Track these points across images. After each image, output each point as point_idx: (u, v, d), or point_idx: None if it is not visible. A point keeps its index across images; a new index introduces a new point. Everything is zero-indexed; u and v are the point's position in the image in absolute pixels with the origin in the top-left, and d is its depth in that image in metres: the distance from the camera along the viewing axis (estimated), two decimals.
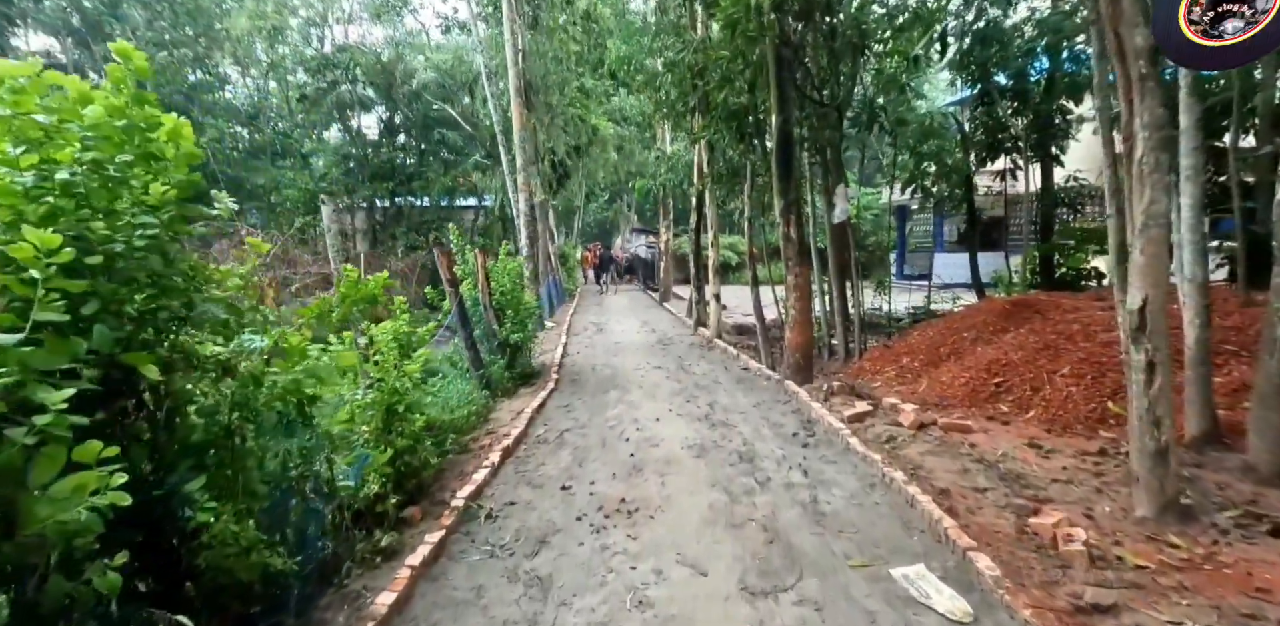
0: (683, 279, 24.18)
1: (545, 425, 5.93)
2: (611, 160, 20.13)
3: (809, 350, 7.36)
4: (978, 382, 6.29)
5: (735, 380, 7.91)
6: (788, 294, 7.44)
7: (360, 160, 21.72)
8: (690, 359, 9.57)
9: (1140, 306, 3.36)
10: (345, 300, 3.13)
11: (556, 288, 19.11)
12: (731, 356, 9.59)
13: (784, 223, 7.34)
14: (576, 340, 11.88)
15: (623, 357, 9.82)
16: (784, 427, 5.71)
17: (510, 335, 7.41)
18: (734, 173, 10.52)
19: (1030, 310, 7.39)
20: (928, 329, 8.50)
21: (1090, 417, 5.39)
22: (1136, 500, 3.56)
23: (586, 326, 14.09)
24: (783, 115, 7.19)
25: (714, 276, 11.28)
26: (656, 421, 5.99)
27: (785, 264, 7.44)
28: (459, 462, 4.71)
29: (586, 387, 7.58)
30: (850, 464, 4.68)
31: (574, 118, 18.03)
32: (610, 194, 35.02)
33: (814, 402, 6.25)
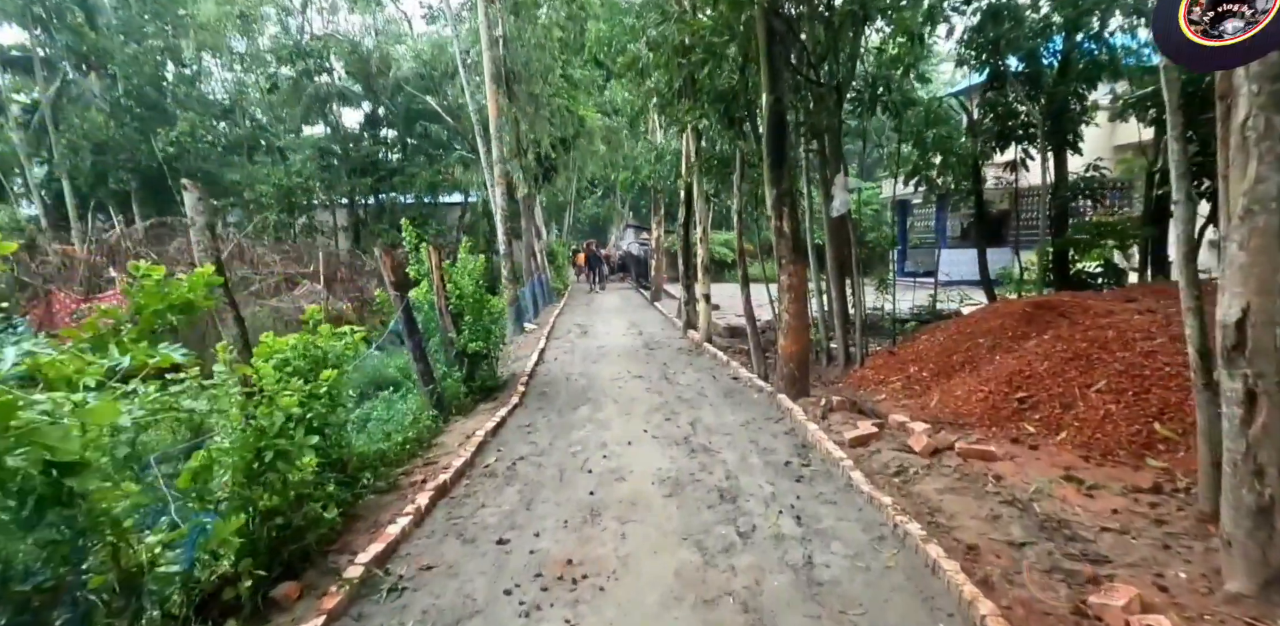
0: (676, 277, 23.36)
1: (498, 451, 5.10)
2: (600, 153, 19.26)
3: (804, 359, 6.54)
4: (998, 398, 5.48)
5: (723, 392, 7.09)
6: (781, 295, 6.62)
7: (340, 155, 20.83)
8: (676, 366, 8.75)
9: (1239, 319, 2.54)
10: (144, 311, 2.30)
11: (543, 287, 18.28)
12: (721, 363, 8.76)
13: (776, 216, 6.51)
14: (556, 345, 11.06)
15: (603, 365, 8.99)
16: (775, 454, 4.89)
17: (468, 344, 6.58)
18: (724, 162, 9.68)
19: (1054, 313, 6.57)
20: (936, 333, 7.68)
21: (1134, 442, 4.58)
22: (1229, 569, 2.75)
23: (570, 329, 13.26)
24: (774, 94, 6.35)
25: (703, 275, 10.46)
26: (628, 445, 5.17)
27: (778, 262, 6.61)
28: (378, 507, 3.89)
29: (555, 402, 6.76)
30: (853, 506, 3.86)
31: (560, 109, 17.16)
32: (603, 189, 34.19)
33: (810, 422, 5.42)
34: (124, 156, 19.45)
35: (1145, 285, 8.14)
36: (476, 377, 6.75)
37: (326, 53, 18.51)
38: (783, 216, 6.52)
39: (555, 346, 10.89)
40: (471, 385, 6.66)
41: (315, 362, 4.01)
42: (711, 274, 10.99)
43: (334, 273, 14.23)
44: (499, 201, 12.09)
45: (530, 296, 16.11)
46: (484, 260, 7.45)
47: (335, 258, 14.12)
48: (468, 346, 6.57)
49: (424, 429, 5.24)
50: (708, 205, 10.52)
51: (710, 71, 7.20)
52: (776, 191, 6.50)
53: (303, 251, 13.49)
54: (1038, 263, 11.88)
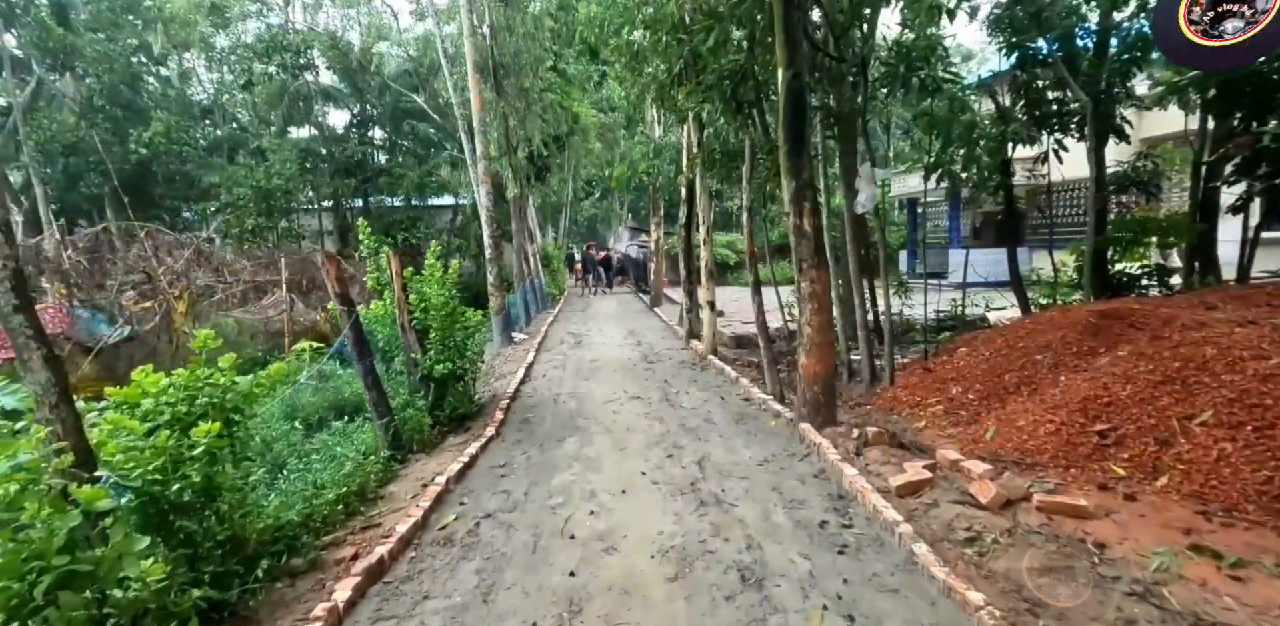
0: (676, 281, 22.40)
1: (461, 505, 4.11)
2: (596, 151, 18.31)
3: (830, 382, 5.55)
4: (1072, 430, 4.49)
5: (734, 418, 6.10)
6: (801, 305, 5.64)
7: (324, 155, 19.88)
8: (678, 383, 7.76)
9: None
10: None
11: (536, 293, 17.31)
12: (729, 379, 7.78)
13: (795, 211, 5.53)
14: (546, 358, 10.07)
15: (596, 382, 8.01)
16: (806, 508, 3.90)
17: (434, 366, 5.60)
18: (729, 155, 8.69)
19: (1123, 324, 5.58)
20: (976, 345, 6.69)
21: (1264, 493, 3.60)
22: None
23: (563, 338, 12.28)
24: (792, 69, 5.38)
25: (707, 280, 9.48)
26: (622, 495, 4.19)
27: (797, 265, 5.63)
28: (281, 604, 2.90)
29: (538, 433, 5.77)
30: (923, 597, 2.87)
31: (553, 104, 16.21)
32: (600, 191, 33.25)
33: (845, 463, 4.44)
34: (94, 159, 18.50)
35: (1217, 289, 7.16)
36: (445, 405, 5.76)
37: (305, 48, 17.55)
38: (803, 212, 5.54)
39: (545, 360, 9.91)
40: (439, 415, 5.68)
41: (209, 409, 3.03)
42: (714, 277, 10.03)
43: (310, 279, 13.27)
44: (484, 201, 11.12)
45: (522, 303, 15.14)
46: (457, 267, 6.48)
47: (311, 263, 13.14)
48: (434, 369, 5.58)
49: (369, 477, 4.25)
50: (711, 203, 9.55)
51: (715, 46, 6.24)
52: (796, 183, 5.52)
53: (276, 257, 12.51)
54: (1073, 263, 10.91)
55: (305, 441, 5.21)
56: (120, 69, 18.44)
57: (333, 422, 5.95)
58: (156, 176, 20.73)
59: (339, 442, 5.10)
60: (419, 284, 5.86)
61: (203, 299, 10.26)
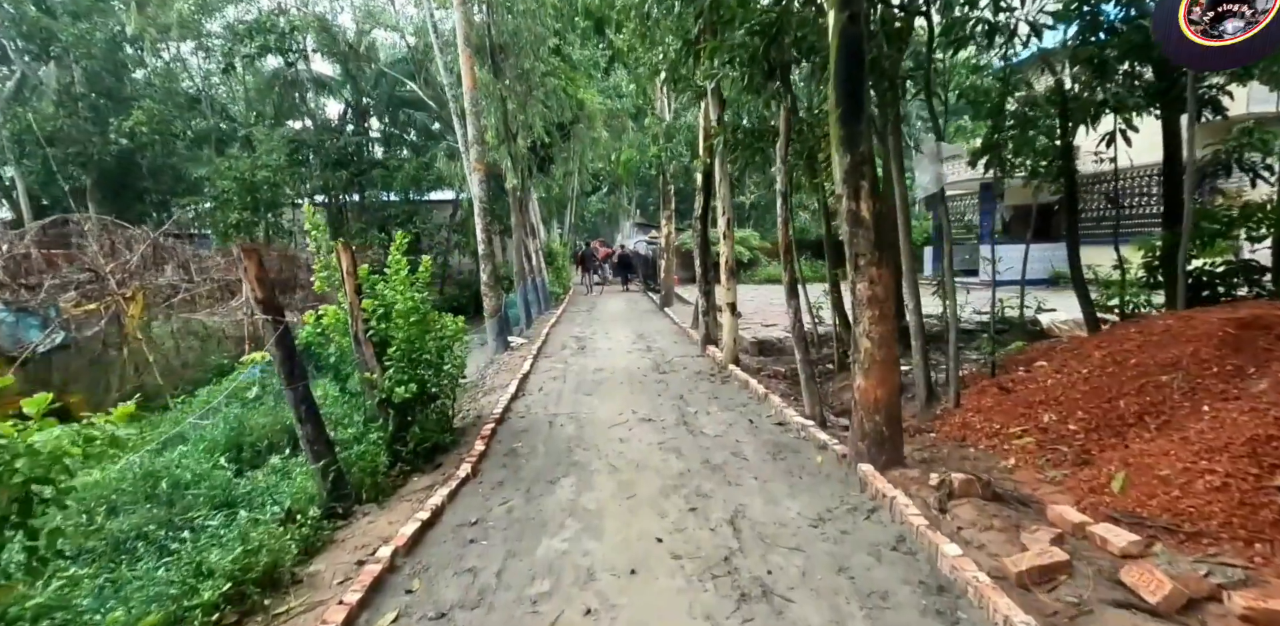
0: (687, 278, 21.21)
1: (406, 595, 2.96)
2: (602, 140, 17.13)
3: (896, 410, 4.36)
4: (1245, 485, 3.29)
5: (769, 450, 4.93)
6: (858, 312, 4.44)
7: (315, 146, 18.82)
8: (697, 400, 6.60)
9: None
10: None
11: (539, 292, 16.18)
12: (756, 396, 6.61)
13: (850, 193, 4.35)
14: (545, 367, 8.93)
15: (600, 398, 6.85)
16: (894, 611, 2.72)
17: (395, 388, 4.45)
18: (755, 135, 7.50)
19: (1270, 335, 4.37)
20: (1065, 359, 5.47)
21: None
22: None
23: (566, 343, 11.13)
24: (848, 10, 4.19)
25: (728, 279, 8.30)
26: (631, 578, 3.03)
27: (851, 262, 4.45)
28: None
29: (525, 470, 4.62)
30: None
31: (556, 90, 15.04)
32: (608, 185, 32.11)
33: (933, 531, 3.26)
34: (73, 151, 17.52)
35: None
36: (410, 436, 4.62)
37: (292, 30, 16.45)
38: (860, 194, 4.35)
39: (544, 369, 8.77)
40: (401, 450, 4.54)
41: None
42: None
43: (291, 277, 12.19)
44: (477, 191, 9.98)
45: (522, 303, 14.02)
46: (428, 264, 5.35)
47: (291, 260, 12.07)
48: (394, 391, 4.44)
49: (287, 548, 3.11)
50: (731, 192, 8.35)
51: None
52: (851, 158, 4.33)
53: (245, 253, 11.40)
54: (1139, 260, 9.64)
55: (232, 486, 4.08)
56: (101, 55, 17.43)
57: (277, 454, 4.82)
58: (142, 169, 19.77)
59: (270, 488, 3.97)
60: (377, 285, 4.72)
61: (165, 300, 9.18)
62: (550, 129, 15.44)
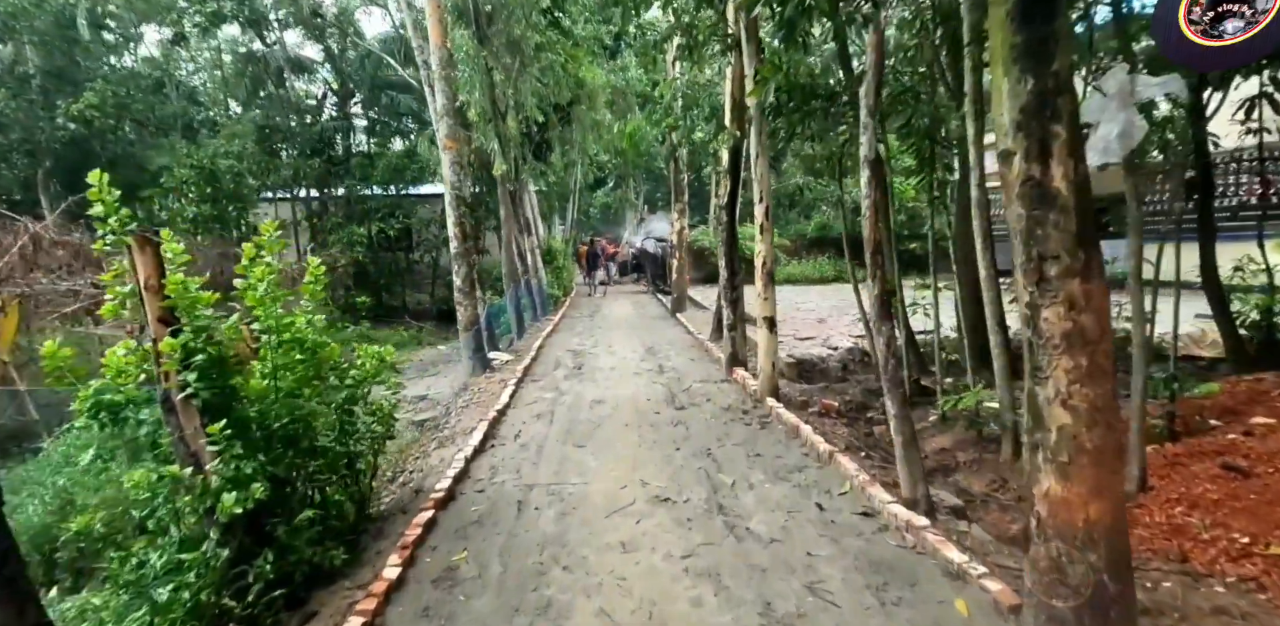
0: (698, 279, 19.26)
1: None
2: (606, 123, 15.18)
3: (1124, 543, 2.41)
4: None
5: (867, 580, 2.98)
6: (1043, 357, 2.46)
7: (287, 132, 16.97)
8: (732, 461, 4.66)
9: None
10: None
11: (534, 296, 14.26)
12: (814, 452, 4.67)
13: (1031, 147, 2.40)
14: (530, 397, 7.01)
15: (597, 454, 4.93)
16: None
17: (223, 493, 2.52)
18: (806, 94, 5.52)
19: None
20: None
21: None
22: None
23: (560, 360, 9.21)
24: None
25: (766, 285, 6.35)
26: None
27: (1026, 269, 2.49)
28: None
29: (464, 617, 2.71)
30: None
31: (554, 65, 13.09)
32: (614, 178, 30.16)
33: None
34: (17, 137, 15.74)
35: None
36: (255, 571, 2.68)
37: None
38: (1049, 150, 2.41)
39: (527, 399, 6.85)
40: (250, 584, 2.61)
41: None
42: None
43: None
44: (448, 174, 8.07)
45: (514, 310, 12.11)
46: (316, 268, 3.43)
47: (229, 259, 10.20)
48: (220, 501, 2.50)
49: None
50: (769, 172, 6.38)
51: None
52: (1034, 84, 2.39)
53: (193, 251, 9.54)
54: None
55: None
56: (46, 29, 15.63)
57: None
58: (100, 158, 17.96)
59: None
60: (196, 309, 2.79)
61: (50, 307, 7.31)
62: (546, 109, 13.51)
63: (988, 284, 4.77)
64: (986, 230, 4.81)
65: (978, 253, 4.73)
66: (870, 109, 3.74)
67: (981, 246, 4.73)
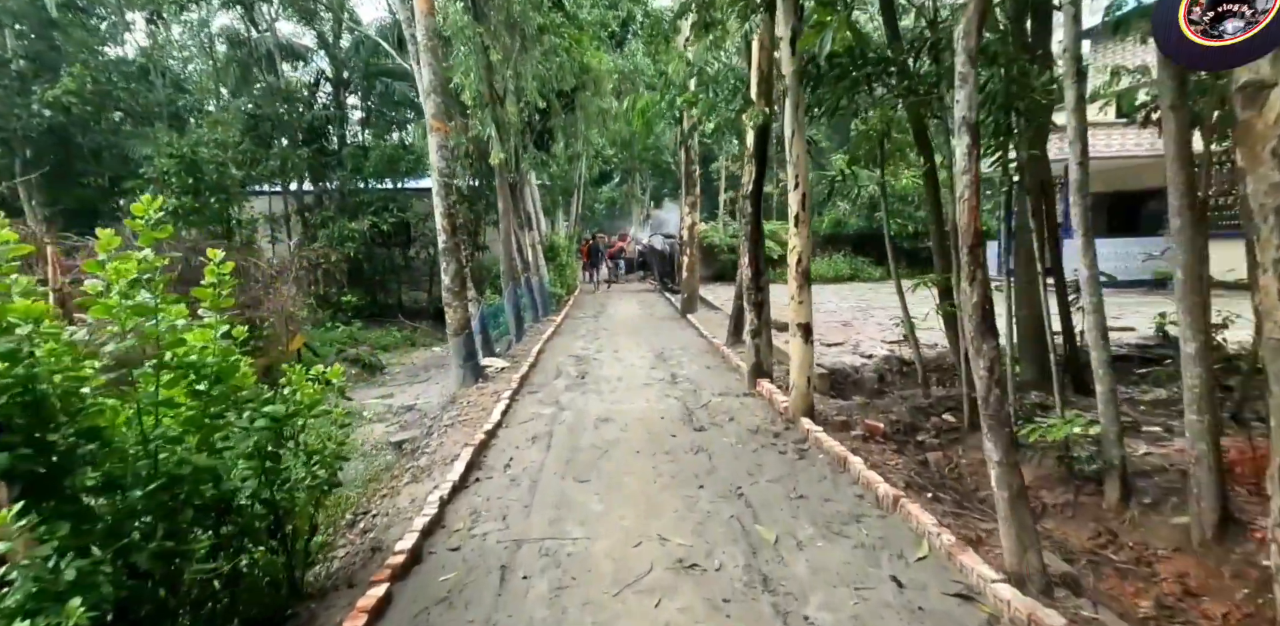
0: (708, 277, 18.29)
1: None
2: (612, 111, 14.25)
3: None
4: None
5: None
6: None
7: (277, 120, 16.11)
8: (771, 507, 3.75)
9: None
10: None
11: (536, 294, 13.36)
12: (873, 495, 3.76)
13: None
14: (525, 413, 6.10)
15: (602, 493, 4.02)
16: None
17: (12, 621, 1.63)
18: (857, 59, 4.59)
19: None
20: None
21: None
22: None
23: (561, 367, 8.31)
24: None
25: (800, 287, 5.43)
26: None
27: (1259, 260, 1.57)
28: None
29: None
30: None
31: (556, 48, 12.17)
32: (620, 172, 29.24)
33: None
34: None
35: None
36: None
37: None
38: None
39: (522, 417, 5.95)
40: None
41: None
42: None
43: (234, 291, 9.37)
44: (435, 160, 7.16)
45: (512, 312, 11.21)
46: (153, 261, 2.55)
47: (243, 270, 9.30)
48: None
49: None
50: (807, 155, 5.44)
51: None
52: None
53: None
54: None
55: None
56: (20, 9, 14.79)
57: None
58: (82, 148, 17.16)
59: None
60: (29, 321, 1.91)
61: None
62: (549, 94, 12.59)
63: (1089, 287, 3.84)
64: (1087, 220, 3.88)
65: (1079, 247, 3.80)
66: (970, 54, 2.81)
67: (1084, 241, 3.80)
